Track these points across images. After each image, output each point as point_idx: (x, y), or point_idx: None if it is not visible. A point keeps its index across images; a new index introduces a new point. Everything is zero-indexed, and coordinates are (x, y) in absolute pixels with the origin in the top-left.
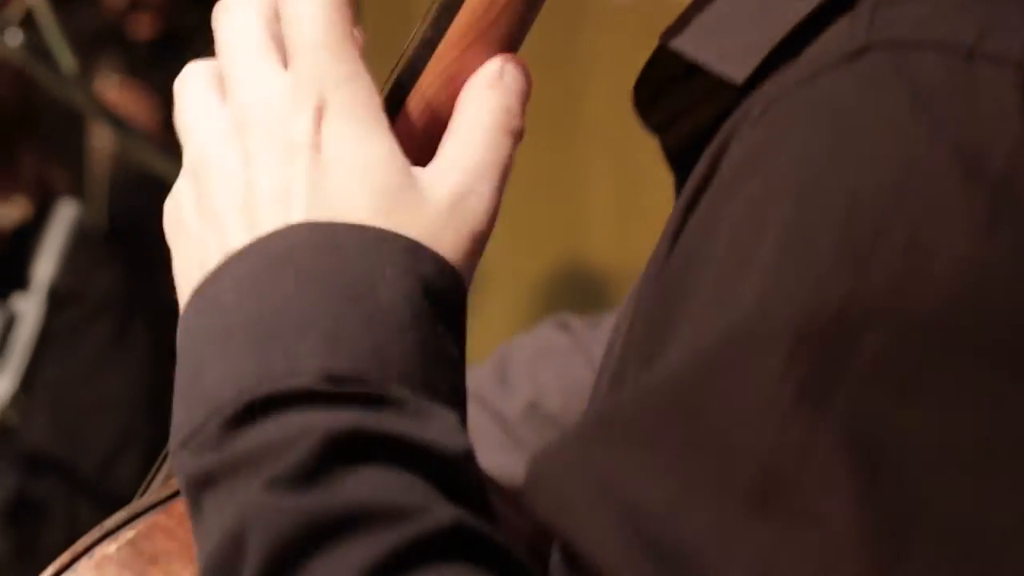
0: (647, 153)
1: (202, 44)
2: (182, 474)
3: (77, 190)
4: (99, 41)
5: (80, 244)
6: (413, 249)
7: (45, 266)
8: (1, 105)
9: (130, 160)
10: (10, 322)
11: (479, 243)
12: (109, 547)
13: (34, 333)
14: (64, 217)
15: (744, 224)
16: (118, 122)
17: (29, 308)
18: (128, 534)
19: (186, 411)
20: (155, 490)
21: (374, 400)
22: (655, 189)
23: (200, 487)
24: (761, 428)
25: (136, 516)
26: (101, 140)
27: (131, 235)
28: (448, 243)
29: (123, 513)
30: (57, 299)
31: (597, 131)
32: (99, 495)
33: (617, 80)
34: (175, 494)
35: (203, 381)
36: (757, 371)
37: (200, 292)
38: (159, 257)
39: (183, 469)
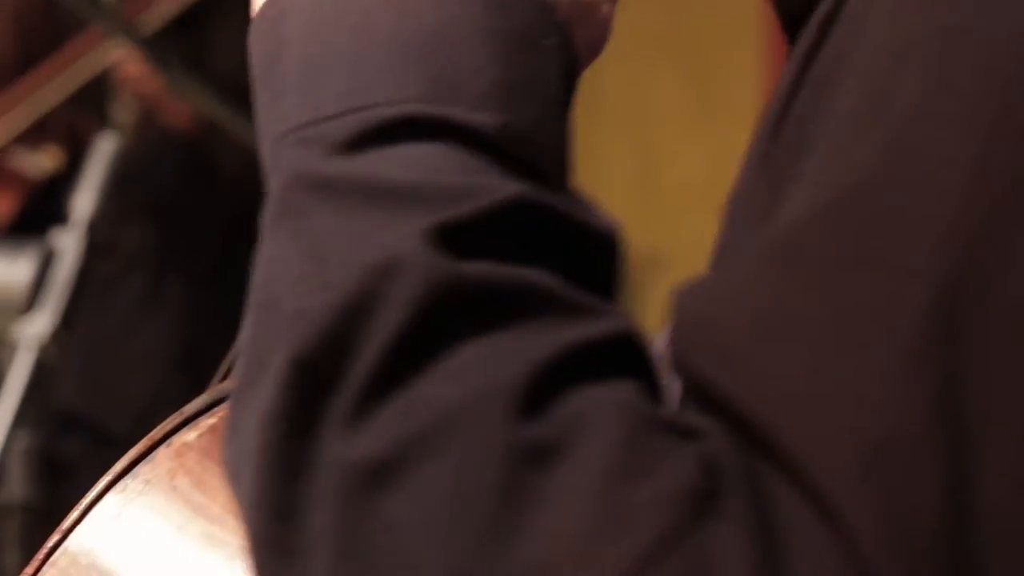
0: (665, 134)
1: (220, 19)
2: (284, 166)
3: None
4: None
5: (113, 188)
6: (563, 31)
7: (84, 199)
8: (31, 53)
9: (155, 123)
10: (49, 258)
11: (592, 56)
12: (188, 435)
13: (75, 268)
14: (103, 150)
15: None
16: (157, 53)
17: (69, 243)
18: (208, 421)
19: (302, 100)
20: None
21: (546, 174)
22: (673, 169)
23: (313, 190)
24: (938, 252)
25: (216, 403)
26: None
27: (161, 197)
28: (578, 41)
29: (202, 399)
30: (94, 239)
31: (615, 112)
32: None
33: (635, 59)
34: None
35: (335, 75)
36: (932, 192)
37: None
38: (191, 218)
39: (287, 161)
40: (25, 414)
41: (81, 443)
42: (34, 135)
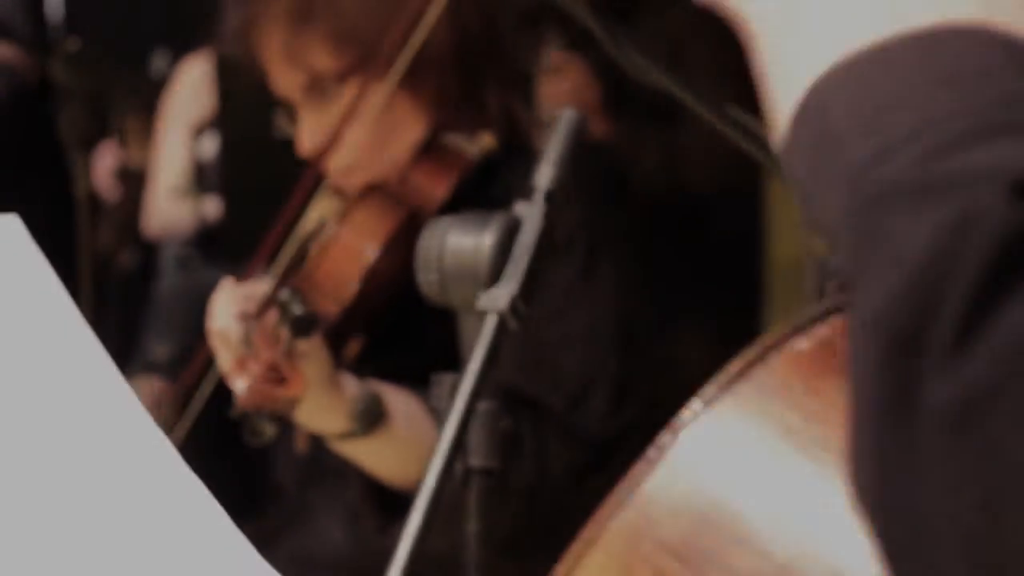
0: None
1: (651, 13)
2: (869, 186)
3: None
4: (541, 14)
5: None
6: None
7: (545, 171)
8: (466, 33)
9: None
10: (513, 230)
11: None
12: (801, 343)
13: (535, 240)
14: (566, 122)
15: None
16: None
17: (531, 214)
18: (821, 331)
19: (873, 130)
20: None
21: None
22: None
23: (897, 199)
24: None
25: (828, 312)
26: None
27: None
28: None
29: (814, 308)
30: (553, 212)
31: None
32: (567, 435)
33: None
34: None
35: (896, 105)
36: None
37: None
38: (617, 194)
39: (873, 181)
40: (485, 385)
41: (521, 421)
42: (470, 121)
